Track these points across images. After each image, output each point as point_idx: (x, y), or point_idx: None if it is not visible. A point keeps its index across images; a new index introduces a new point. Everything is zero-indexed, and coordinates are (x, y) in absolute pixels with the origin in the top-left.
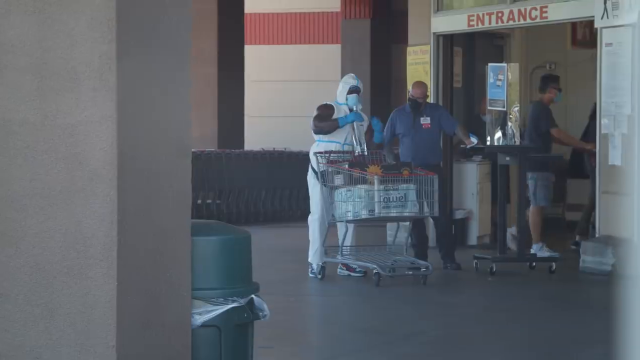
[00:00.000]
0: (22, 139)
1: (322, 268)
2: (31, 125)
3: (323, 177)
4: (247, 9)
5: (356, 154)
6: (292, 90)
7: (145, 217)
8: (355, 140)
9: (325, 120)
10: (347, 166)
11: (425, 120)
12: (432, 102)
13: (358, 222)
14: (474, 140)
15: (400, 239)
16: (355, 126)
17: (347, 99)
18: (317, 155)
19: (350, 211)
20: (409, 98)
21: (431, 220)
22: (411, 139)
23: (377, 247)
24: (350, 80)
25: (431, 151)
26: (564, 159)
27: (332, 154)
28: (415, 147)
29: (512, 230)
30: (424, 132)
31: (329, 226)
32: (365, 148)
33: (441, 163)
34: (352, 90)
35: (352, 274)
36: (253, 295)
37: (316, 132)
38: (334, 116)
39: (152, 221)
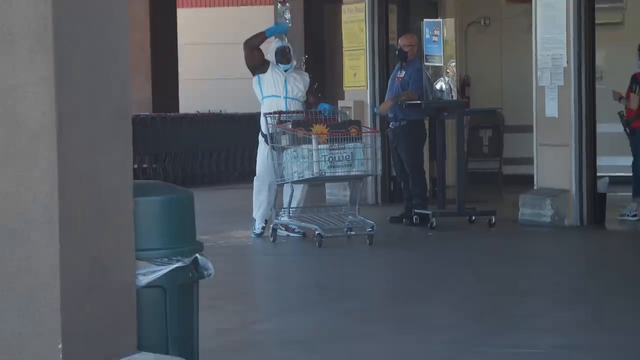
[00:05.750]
0: None
1: (267, 228)
2: None
3: (272, 138)
4: None
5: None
6: (226, 52)
7: (87, 179)
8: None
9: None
10: (290, 126)
11: (401, 74)
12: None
13: (304, 183)
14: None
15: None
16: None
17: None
18: (267, 116)
19: (296, 172)
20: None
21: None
22: (389, 91)
23: (332, 207)
24: (275, 42)
25: (399, 106)
26: (499, 112)
27: (282, 114)
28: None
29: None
30: (397, 86)
31: (279, 187)
32: (298, 102)
33: (412, 119)
34: (280, 48)
35: (291, 234)
36: (197, 255)
37: (246, 53)
38: (269, 72)
39: (94, 182)
